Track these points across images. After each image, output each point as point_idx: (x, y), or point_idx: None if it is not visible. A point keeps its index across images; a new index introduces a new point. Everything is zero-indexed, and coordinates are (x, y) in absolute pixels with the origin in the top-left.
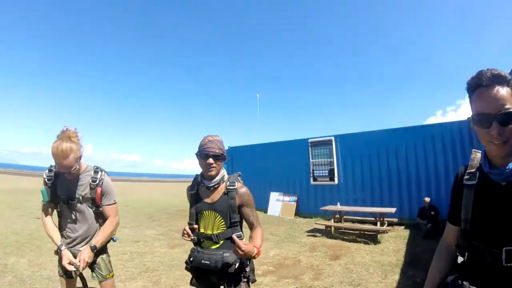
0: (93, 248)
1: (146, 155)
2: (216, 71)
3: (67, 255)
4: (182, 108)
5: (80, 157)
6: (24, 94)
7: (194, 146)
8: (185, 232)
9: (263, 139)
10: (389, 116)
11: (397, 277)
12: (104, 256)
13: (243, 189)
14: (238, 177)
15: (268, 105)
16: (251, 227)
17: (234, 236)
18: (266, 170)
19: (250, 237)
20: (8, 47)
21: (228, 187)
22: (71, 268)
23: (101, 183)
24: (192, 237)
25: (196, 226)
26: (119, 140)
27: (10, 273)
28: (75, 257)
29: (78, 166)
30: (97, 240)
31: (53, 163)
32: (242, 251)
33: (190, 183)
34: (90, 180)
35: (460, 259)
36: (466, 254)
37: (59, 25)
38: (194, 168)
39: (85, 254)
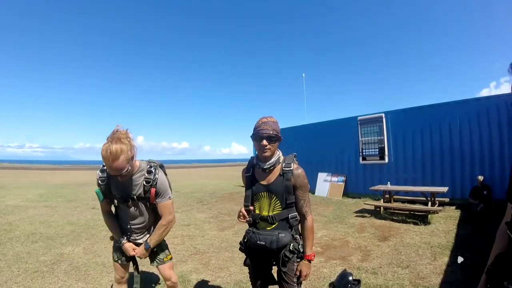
0: (147, 247)
1: (195, 142)
2: (259, 54)
3: (128, 247)
4: (228, 94)
5: (132, 158)
6: (74, 91)
7: (240, 131)
8: (241, 214)
9: (310, 119)
10: (439, 89)
11: (446, 259)
12: (163, 243)
13: (299, 171)
14: (294, 158)
15: (315, 84)
16: (301, 213)
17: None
18: (313, 150)
19: (301, 233)
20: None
21: (284, 169)
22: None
23: (155, 183)
24: (248, 219)
25: (252, 208)
26: (169, 129)
27: (66, 261)
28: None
29: (130, 168)
30: (151, 240)
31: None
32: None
33: (244, 166)
34: (144, 182)
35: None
36: None
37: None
38: (241, 152)
39: (139, 251)
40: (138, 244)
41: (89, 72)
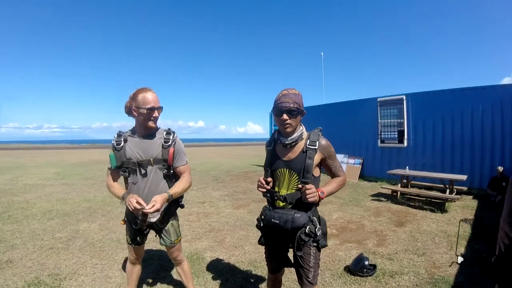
0: (169, 196)
1: (211, 121)
2: (275, 33)
3: (132, 196)
4: (245, 73)
5: (161, 110)
6: (91, 70)
7: (256, 111)
8: (259, 183)
9: (328, 100)
10: (457, 75)
11: (462, 249)
12: (174, 221)
13: (323, 142)
14: (320, 133)
15: (333, 63)
16: (336, 176)
17: (300, 185)
18: (330, 131)
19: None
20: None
21: (308, 146)
22: (138, 206)
23: (173, 143)
24: (268, 188)
25: (270, 179)
26: (185, 108)
27: (81, 237)
28: (146, 216)
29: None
30: (174, 191)
31: (122, 130)
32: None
33: (259, 145)
34: (163, 141)
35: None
36: None
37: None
38: (257, 131)
39: (159, 198)
40: (150, 223)
41: (106, 52)
